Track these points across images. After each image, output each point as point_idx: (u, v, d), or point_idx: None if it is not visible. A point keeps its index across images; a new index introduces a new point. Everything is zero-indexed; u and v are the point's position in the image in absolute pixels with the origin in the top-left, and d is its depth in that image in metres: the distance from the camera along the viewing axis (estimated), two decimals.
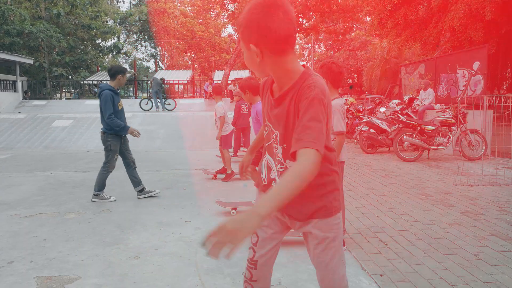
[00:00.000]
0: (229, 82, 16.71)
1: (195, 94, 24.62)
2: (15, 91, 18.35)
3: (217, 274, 2.75)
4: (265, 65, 1.36)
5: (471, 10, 10.79)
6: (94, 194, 4.82)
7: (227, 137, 6.16)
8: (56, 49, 24.60)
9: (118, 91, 4.86)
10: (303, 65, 1.40)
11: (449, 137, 7.93)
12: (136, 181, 4.90)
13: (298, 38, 32.60)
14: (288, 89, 1.36)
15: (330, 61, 3.19)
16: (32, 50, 22.86)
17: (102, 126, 4.74)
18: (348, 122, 11.67)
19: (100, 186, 4.81)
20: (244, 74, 24.54)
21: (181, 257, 3.08)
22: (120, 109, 4.78)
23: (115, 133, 4.70)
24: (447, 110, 8.38)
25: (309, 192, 1.39)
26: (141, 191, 4.93)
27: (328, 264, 1.50)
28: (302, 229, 1.52)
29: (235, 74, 23.10)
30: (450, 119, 7.93)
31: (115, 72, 4.75)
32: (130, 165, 4.88)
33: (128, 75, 23.80)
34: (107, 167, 4.75)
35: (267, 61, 1.34)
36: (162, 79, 14.57)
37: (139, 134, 4.79)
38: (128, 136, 4.86)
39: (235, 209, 4.21)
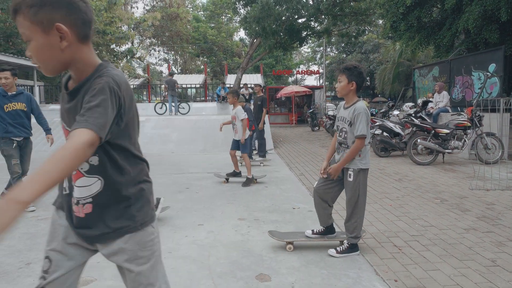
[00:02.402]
0: (241, 86, 16.78)
1: (207, 98, 24.81)
2: None
3: (230, 278, 2.77)
4: (66, 54, 1.19)
5: (486, 11, 10.62)
6: None
7: (246, 141, 6.27)
8: None
9: (9, 93, 4.57)
10: (103, 60, 1.29)
11: (465, 141, 7.81)
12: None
13: (310, 41, 32.49)
14: (82, 82, 1.24)
15: (360, 66, 3.08)
16: None
17: None
18: None
19: None
20: (257, 78, 24.57)
21: (194, 260, 3.10)
22: (6, 111, 4.56)
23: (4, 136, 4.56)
24: (461, 113, 8.25)
25: (110, 207, 1.30)
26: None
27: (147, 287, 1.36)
28: (110, 251, 1.34)
29: (247, 78, 23.18)
30: (466, 122, 7.81)
31: None
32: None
33: (141, 79, 24.23)
34: (10, 174, 4.65)
35: (72, 48, 1.19)
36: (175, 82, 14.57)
37: None
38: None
39: None
